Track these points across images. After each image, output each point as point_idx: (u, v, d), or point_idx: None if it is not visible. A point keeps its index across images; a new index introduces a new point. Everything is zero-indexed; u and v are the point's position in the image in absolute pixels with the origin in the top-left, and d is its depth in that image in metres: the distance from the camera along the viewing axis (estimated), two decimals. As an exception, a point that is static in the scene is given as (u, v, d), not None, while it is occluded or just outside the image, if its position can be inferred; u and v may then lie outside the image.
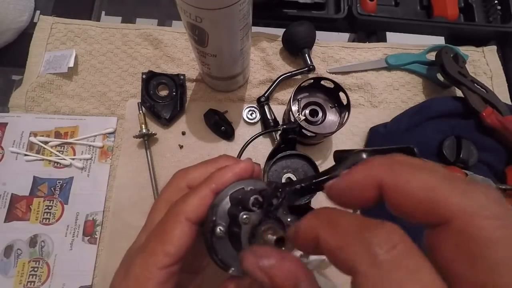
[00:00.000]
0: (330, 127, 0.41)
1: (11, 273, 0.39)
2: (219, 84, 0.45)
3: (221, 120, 0.44)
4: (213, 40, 0.33)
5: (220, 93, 0.47)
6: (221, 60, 0.37)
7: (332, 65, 0.50)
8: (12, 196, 0.41)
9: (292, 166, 0.40)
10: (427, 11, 0.54)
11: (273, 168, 0.39)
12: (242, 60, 0.40)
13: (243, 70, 0.43)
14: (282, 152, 0.39)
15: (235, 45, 0.35)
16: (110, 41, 0.49)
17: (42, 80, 0.45)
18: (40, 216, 0.41)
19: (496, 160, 0.44)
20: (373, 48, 0.51)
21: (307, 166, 0.40)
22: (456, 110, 0.45)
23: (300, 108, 0.42)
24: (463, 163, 0.43)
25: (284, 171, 0.39)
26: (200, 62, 0.39)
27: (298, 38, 0.46)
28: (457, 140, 0.44)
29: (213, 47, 0.34)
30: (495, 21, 0.52)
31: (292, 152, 0.40)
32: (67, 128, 0.44)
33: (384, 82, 0.49)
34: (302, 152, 0.40)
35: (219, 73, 0.41)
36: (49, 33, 0.48)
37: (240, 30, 0.33)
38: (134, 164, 0.44)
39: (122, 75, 0.48)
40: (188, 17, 0.30)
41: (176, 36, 0.49)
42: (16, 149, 0.43)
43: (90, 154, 0.44)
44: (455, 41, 0.51)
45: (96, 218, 0.41)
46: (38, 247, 0.40)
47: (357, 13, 0.50)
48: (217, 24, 0.30)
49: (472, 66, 0.51)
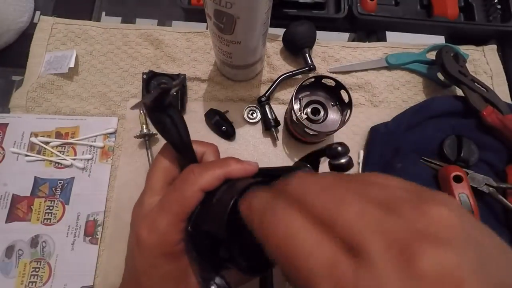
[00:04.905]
0: (332, 126, 0.41)
1: (13, 274, 0.38)
2: (238, 74, 0.45)
3: (222, 120, 0.44)
4: (240, 25, 0.33)
5: (221, 93, 0.47)
6: (245, 47, 0.37)
7: (332, 64, 0.50)
8: (13, 196, 0.41)
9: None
10: (427, 11, 0.54)
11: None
12: (263, 45, 0.40)
13: (261, 57, 0.43)
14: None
15: (259, 29, 0.35)
16: (111, 41, 0.49)
17: (42, 80, 0.45)
18: (41, 217, 0.41)
19: (496, 159, 0.44)
20: (374, 48, 0.51)
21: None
22: (457, 109, 0.45)
23: (301, 107, 0.42)
24: (464, 162, 0.43)
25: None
26: (221, 52, 0.39)
27: (299, 38, 0.46)
28: (458, 139, 0.44)
29: (239, 33, 0.34)
30: (495, 20, 0.52)
31: None
32: (68, 129, 0.44)
33: (384, 81, 0.49)
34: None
35: (240, 61, 0.41)
36: (50, 33, 0.48)
37: (265, 12, 0.33)
38: (135, 164, 0.44)
39: (123, 75, 0.48)
40: (218, 3, 0.30)
41: (176, 36, 0.49)
42: (17, 150, 0.43)
43: (91, 154, 0.44)
44: (455, 40, 0.51)
45: (97, 218, 0.41)
46: (39, 247, 0.40)
47: (357, 12, 0.50)
48: (247, 8, 0.31)
49: (472, 65, 0.51)
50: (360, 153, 0.46)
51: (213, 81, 0.48)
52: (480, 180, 0.41)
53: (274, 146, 0.46)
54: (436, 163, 0.44)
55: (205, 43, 0.49)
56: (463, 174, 0.40)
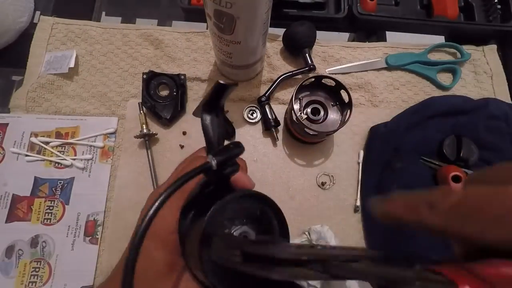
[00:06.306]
0: (332, 125, 0.41)
1: (13, 274, 0.38)
2: (238, 73, 0.45)
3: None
4: (240, 25, 0.33)
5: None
6: (245, 47, 0.37)
7: (332, 64, 0.50)
8: (13, 196, 0.41)
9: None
10: (427, 11, 0.54)
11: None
12: (263, 45, 0.40)
13: (262, 57, 0.43)
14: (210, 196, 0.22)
15: (259, 29, 0.36)
16: (111, 41, 0.49)
17: (42, 80, 0.45)
18: (41, 217, 0.41)
19: (497, 159, 0.44)
20: (374, 48, 0.51)
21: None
22: (456, 109, 0.45)
23: (301, 107, 0.42)
24: (464, 162, 0.43)
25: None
26: (221, 52, 0.39)
27: (299, 38, 0.46)
28: (457, 139, 0.44)
29: (239, 33, 0.34)
30: (495, 20, 0.52)
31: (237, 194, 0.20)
32: (68, 129, 0.44)
33: (384, 81, 0.49)
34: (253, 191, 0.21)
35: (240, 61, 0.41)
36: (50, 33, 0.48)
37: (265, 12, 0.33)
38: (135, 164, 0.44)
39: (123, 75, 0.48)
40: (218, 3, 0.30)
41: (176, 36, 0.49)
42: (17, 150, 0.43)
43: (91, 154, 0.44)
44: (455, 40, 0.51)
45: (97, 218, 0.41)
46: (39, 247, 0.40)
47: (357, 12, 0.50)
48: (247, 8, 0.31)
49: (472, 65, 0.51)
50: (360, 153, 0.46)
51: (213, 81, 0.47)
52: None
53: (274, 146, 0.46)
54: (436, 163, 0.44)
55: (205, 43, 0.49)
56: (462, 174, 0.40)
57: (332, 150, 0.46)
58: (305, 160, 0.46)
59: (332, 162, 0.46)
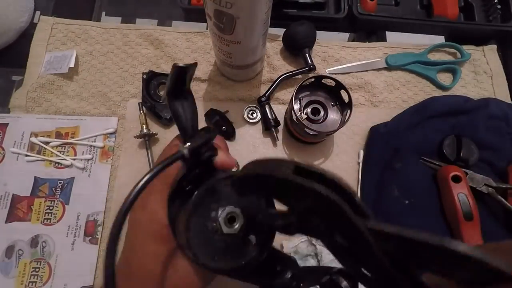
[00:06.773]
0: (332, 126, 0.41)
1: (13, 274, 0.38)
2: (238, 74, 0.45)
3: (222, 120, 0.44)
4: (240, 25, 0.33)
5: (221, 93, 0.47)
6: (245, 47, 0.37)
7: (332, 64, 0.50)
8: (13, 196, 0.41)
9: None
10: (427, 11, 0.54)
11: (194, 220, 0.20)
12: (263, 45, 0.40)
13: (262, 57, 0.43)
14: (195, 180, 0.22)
15: (259, 29, 0.35)
16: (111, 41, 0.49)
17: (42, 80, 0.45)
18: (41, 217, 0.41)
19: (497, 158, 0.44)
20: (374, 48, 0.51)
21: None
22: (456, 109, 0.45)
23: (301, 107, 0.42)
24: (464, 162, 0.43)
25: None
26: (221, 52, 0.39)
27: (299, 38, 0.46)
28: (457, 139, 0.44)
29: (239, 33, 0.34)
30: (495, 20, 0.52)
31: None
32: (68, 129, 0.44)
33: (384, 81, 0.49)
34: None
35: (240, 61, 0.41)
36: (50, 33, 0.48)
37: (265, 12, 0.33)
38: (135, 164, 0.44)
39: (123, 75, 0.48)
40: (218, 3, 0.30)
41: (176, 36, 0.49)
42: (17, 150, 0.43)
43: (91, 154, 0.44)
44: (455, 40, 0.51)
45: (97, 218, 0.41)
46: (39, 247, 0.40)
47: (357, 12, 0.50)
48: (247, 8, 0.31)
49: (472, 65, 0.51)
50: (360, 153, 0.46)
51: (213, 81, 0.48)
52: (479, 180, 0.41)
53: (274, 146, 0.46)
54: (436, 163, 0.44)
55: (205, 43, 0.49)
56: (461, 174, 0.40)
57: (332, 150, 0.46)
58: (305, 160, 0.46)
59: (332, 162, 0.46)
